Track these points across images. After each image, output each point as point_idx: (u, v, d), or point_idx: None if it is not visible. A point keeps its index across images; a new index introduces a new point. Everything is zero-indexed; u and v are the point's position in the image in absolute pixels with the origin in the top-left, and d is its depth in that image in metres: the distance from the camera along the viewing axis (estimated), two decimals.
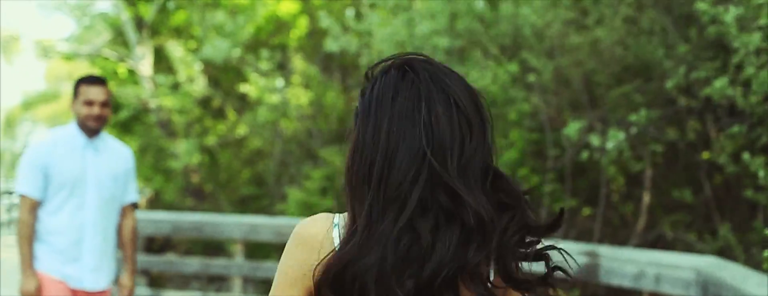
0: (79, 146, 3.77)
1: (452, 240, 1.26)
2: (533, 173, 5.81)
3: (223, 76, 12.69)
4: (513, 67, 5.12)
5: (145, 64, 12.55)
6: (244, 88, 12.14)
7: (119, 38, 13.25)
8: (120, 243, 4.00)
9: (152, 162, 15.10)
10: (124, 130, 17.44)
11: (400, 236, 1.26)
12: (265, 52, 11.27)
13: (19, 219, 3.66)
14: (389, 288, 1.25)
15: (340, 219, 1.36)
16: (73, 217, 3.72)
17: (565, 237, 5.79)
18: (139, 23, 12.63)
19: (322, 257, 1.30)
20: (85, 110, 3.73)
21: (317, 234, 1.34)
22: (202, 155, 12.15)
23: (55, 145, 3.74)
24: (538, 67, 5.29)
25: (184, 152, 11.77)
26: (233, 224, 6.87)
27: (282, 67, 12.18)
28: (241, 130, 12.70)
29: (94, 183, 3.76)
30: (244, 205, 12.53)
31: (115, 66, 14.55)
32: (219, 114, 12.92)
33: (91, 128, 3.76)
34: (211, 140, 12.52)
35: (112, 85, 14.81)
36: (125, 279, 3.92)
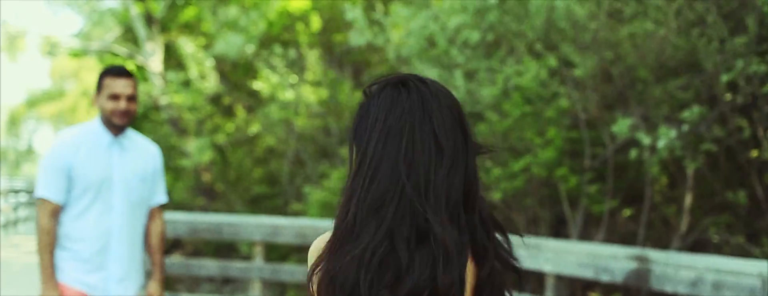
0: (104, 145, 3.49)
1: (428, 261, 1.33)
2: (572, 173, 5.54)
3: (234, 72, 12.45)
4: (551, 62, 4.86)
5: (155, 60, 12.31)
6: (256, 85, 11.90)
7: (128, 34, 13.01)
8: (147, 248, 3.73)
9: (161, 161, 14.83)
10: (132, 127, 17.15)
11: (374, 253, 1.33)
12: (277, 48, 11.00)
13: (39, 226, 3.36)
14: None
15: None
16: (98, 223, 3.44)
17: (607, 240, 5.53)
18: (149, 19, 12.38)
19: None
20: (110, 105, 3.43)
21: (322, 248, 1.42)
22: (213, 153, 11.90)
23: (78, 144, 3.44)
24: (578, 61, 5.02)
25: (195, 150, 11.52)
26: (253, 225, 6.61)
27: (294, 64, 11.92)
28: (253, 128, 12.45)
29: (121, 185, 3.48)
30: (256, 205, 12.28)
31: (124, 63, 14.30)
32: (230, 111, 12.66)
33: (116, 125, 3.47)
34: (222, 138, 12.27)
35: None
36: (153, 287, 3.64)
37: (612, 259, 4.65)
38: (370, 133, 1.40)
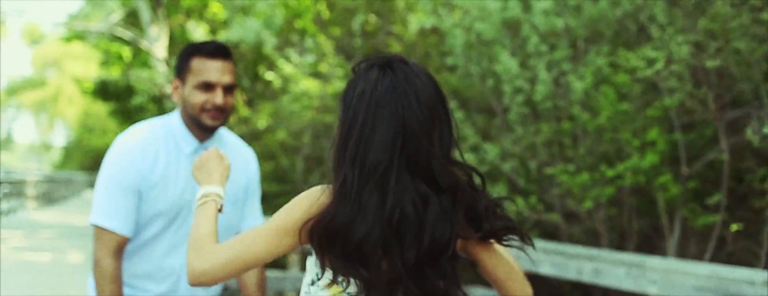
0: (187, 154, 2.53)
1: (437, 211, 1.53)
2: (676, 182, 4.83)
3: (243, 61, 11.65)
4: (684, 50, 4.12)
5: (159, 46, 11.45)
6: (268, 75, 11.12)
7: (129, 18, 12.14)
8: (241, 288, 2.70)
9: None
10: (126, 118, 16.33)
11: (383, 207, 1.51)
12: (294, 36, 10.20)
13: (97, 266, 2.41)
14: (389, 256, 1.52)
15: None
16: (167, 257, 2.56)
17: (713, 259, 4.82)
18: (155, 1, 11.51)
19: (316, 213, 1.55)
20: (200, 98, 2.46)
21: (321, 196, 1.57)
22: None
23: (153, 153, 2.49)
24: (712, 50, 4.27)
25: None
26: None
27: (307, 53, 11.14)
28: (263, 122, 11.65)
29: None
30: (264, 203, 11.48)
31: (120, 49, 13.44)
32: (244, 103, 11.85)
33: (207, 126, 2.49)
34: (237, 130, 11.46)
35: (117, 69, 13.71)
36: None
37: (747, 285, 3.94)
38: (359, 103, 1.55)
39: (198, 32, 10.76)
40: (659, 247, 5.20)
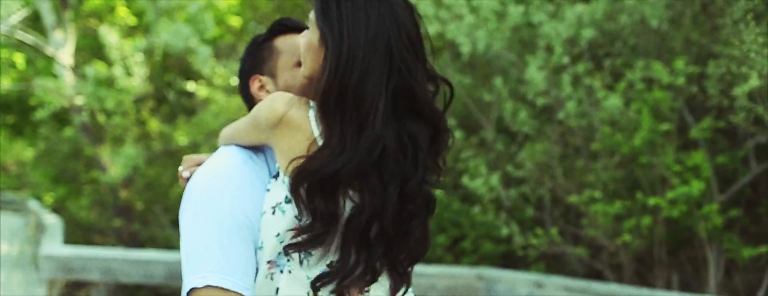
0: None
1: (425, 148, 1.56)
2: (724, 212, 4.34)
3: (161, 71, 10.57)
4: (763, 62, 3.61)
5: (65, 52, 10.17)
6: (191, 86, 10.11)
7: (28, 21, 10.78)
8: None
9: (54, 172, 12.60)
10: (15, 131, 14.70)
11: (364, 138, 1.50)
12: (204, 48, 9.26)
13: None
14: (373, 192, 1.52)
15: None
16: None
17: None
18: (61, 3, 10.22)
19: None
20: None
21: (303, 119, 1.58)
22: (135, 166, 9.89)
23: (254, 176, 1.77)
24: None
25: (119, 161, 9.52)
26: None
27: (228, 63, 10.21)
28: (183, 138, 10.59)
29: None
30: (178, 227, 10.41)
31: (12, 54, 12.00)
32: (161, 118, 10.75)
33: None
34: (147, 147, 10.32)
35: (9, 78, 12.21)
36: None
37: None
38: (356, 35, 1.51)
39: (111, 37, 9.59)
40: (698, 282, 4.70)
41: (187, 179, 1.94)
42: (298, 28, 1.96)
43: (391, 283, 1.64)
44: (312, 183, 1.52)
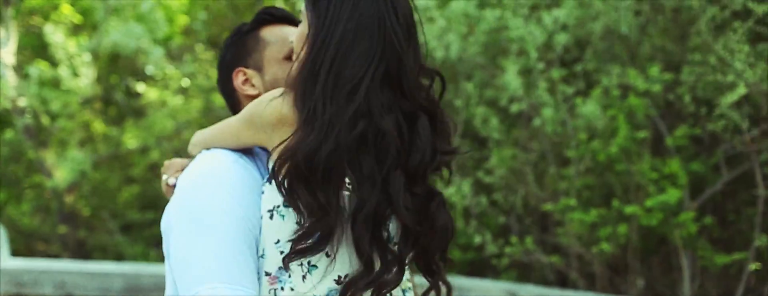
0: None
1: (426, 132, 1.49)
2: (698, 221, 4.32)
3: (109, 71, 10.19)
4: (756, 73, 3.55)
5: (6, 51, 9.71)
6: (141, 87, 9.79)
7: None
8: None
9: None
10: None
11: (354, 121, 1.43)
12: (156, 48, 8.98)
13: None
14: (372, 180, 1.43)
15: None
16: None
17: None
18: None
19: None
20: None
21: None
22: (83, 170, 9.50)
23: (250, 179, 1.65)
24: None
25: (65, 165, 9.12)
26: None
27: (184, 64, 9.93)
28: (133, 141, 10.24)
29: None
30: (129, 234, 10.06)
31: None
32: (108, 120, 10.38)
33: None
34: (95, 150, 9.94)
35: None
36: None
37: None
38: (340, 12, 1.48)
39: (57, 36, 9.18)
40: (671, 290, 4.68)
41: (173, 186, 1.78)
42: (287, 18, 1.85)
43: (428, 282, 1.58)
44: (291, 170, 1.43)
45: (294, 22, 1.87)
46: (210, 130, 1.74)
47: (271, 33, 1.83)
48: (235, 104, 1.85)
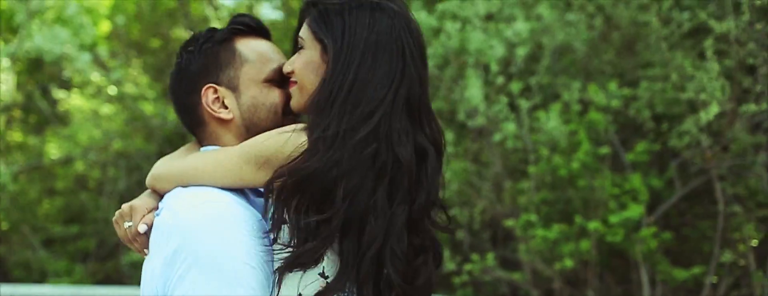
0: None
1: (433, 172, 1.44)
2: (656, 236, 4.31)
3: (29, 77, 9.65)
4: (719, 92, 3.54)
5: None
6: (61, 94, 9.32)
7: None
8: None
9: None
10: None
11: (373, 151, 1.38)
12: (83, 54, 8.55)
13: None
14: (381, 213, 1.37)
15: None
16: None
17: None
18: None
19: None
20: (276, 98, 1.63)
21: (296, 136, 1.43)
22: (1, 182, 8.94)
23: (252, 220, 1.50)
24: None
25: None
26: None
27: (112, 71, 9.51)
28: (54, 151, 9.72)
29: None
30: (52, 249, 9.53)
31: None
32: (28, 129, 9.83)
33: None
34: (12, 161, 9.39)
35: None
36: None
37: None
38: (356, 39, 1.44)
39: None
40: None
41: (146, 234, 1.56)
42: (263, 30, 1.67)
43: None
44: (290, 184, 1.37)
45: (268, 35, 1.70)
46: (186, 163, 1.54)
47: (248, 48, 1.63)
48: (195, 121, 1.64)
